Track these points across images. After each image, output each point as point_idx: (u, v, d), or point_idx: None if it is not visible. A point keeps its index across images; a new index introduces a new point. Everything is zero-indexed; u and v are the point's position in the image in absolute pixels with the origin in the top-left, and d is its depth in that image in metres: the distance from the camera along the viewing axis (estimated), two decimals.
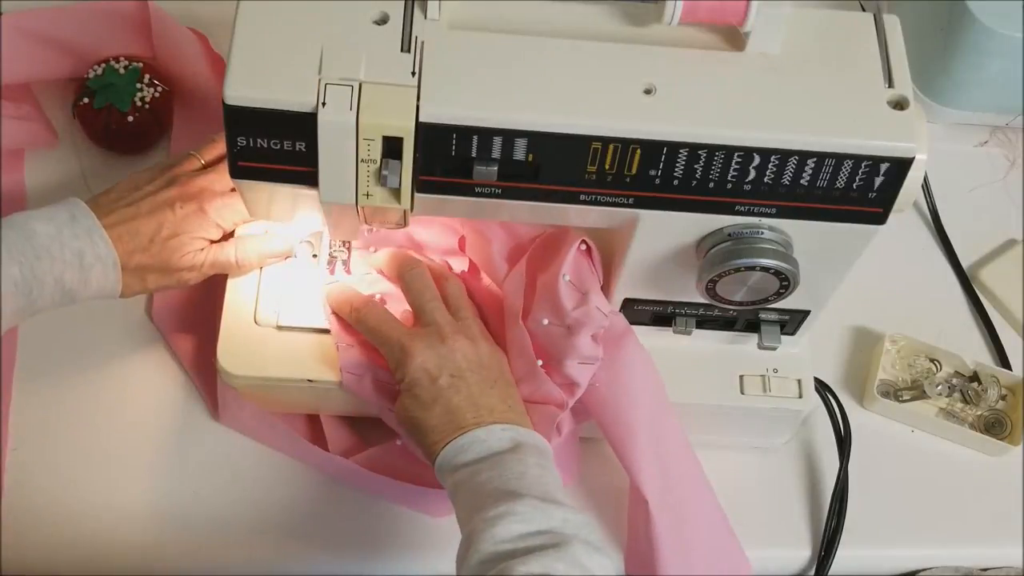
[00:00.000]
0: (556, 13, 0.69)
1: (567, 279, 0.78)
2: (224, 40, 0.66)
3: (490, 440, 0.72)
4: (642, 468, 0.78)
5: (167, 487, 0.84)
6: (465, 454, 0.72)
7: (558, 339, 0.77)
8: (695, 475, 0.81)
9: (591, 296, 0.77)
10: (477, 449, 0.72)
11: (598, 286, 0.78)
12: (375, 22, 0.66)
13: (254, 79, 0.64)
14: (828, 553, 0.86)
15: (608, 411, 0.79)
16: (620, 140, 0.65)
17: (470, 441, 0.72)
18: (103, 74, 0.94)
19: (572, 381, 0.77)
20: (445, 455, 0.73)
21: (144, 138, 0.96)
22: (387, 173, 0.66)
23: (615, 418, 0.79)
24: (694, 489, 0.81)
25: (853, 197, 0.68)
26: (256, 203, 0.75)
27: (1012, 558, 0.88)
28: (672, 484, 0.79)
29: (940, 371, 0.93)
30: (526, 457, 0.71)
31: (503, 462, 0.70)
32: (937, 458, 0.91)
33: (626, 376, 0.78)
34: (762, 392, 0.83)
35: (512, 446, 0.72)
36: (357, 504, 0.84)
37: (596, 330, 0.77)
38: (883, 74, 0.68)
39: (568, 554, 0.64)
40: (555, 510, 0.67)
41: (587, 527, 0.67)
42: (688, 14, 0.65)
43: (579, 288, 0.78)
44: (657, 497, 0.78)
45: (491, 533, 0.65)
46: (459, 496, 0.71)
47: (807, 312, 0.80)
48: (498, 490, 0.68)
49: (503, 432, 0.73)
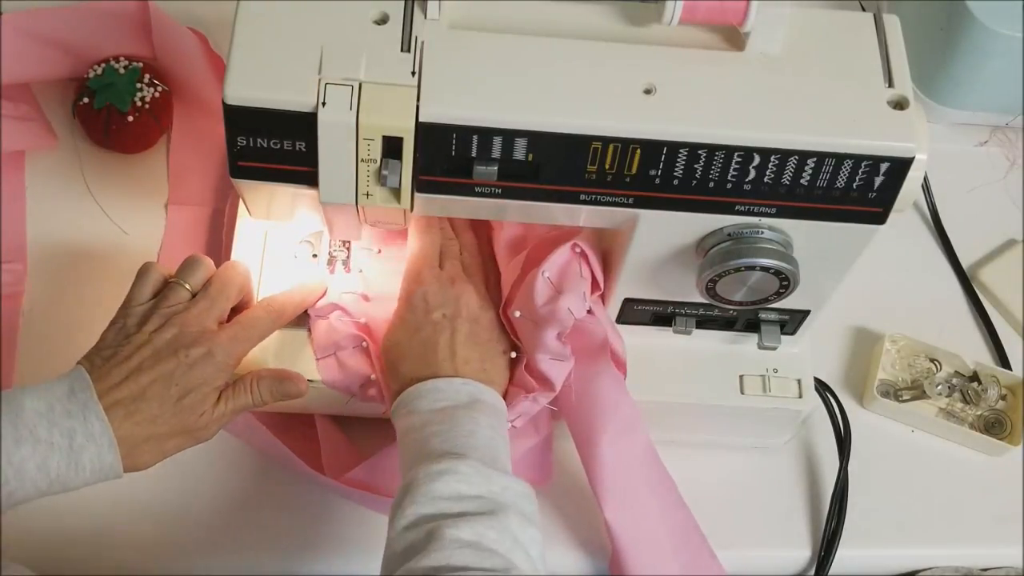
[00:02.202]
0: (556, 13, 0.69)
1: (546, 275, 0.78)
2: (224, 40, 0.66)
3: (448, 391, 0.73)
4: (601, 481, 0.79)
5: (166, 487, 0.84)
6: (421, 401, 0.72)
7: (529, 332, 0.78)
8: (660, 496, 0.81)
9: (565, 296, 0.77)
10: (434, 398, 0.72)
11: (581, 289, 0.78)
12: (375, 22, 0.66)
13: (254, 79, 0.64)
14: (828, 553, 0.86)
15: (576, 422, 0.80)
16: (620, 140, 0.65)
17: (429, 389, 0.73)
18: (103, 74, 0.94)
19: (544, 376, 0.77)
20: (403, 398, 0.74)
21: (144, 138, 0.96)
22: (387, 173, 0.66)
23: (580, 430, 0.79)
24: (657, 510, 0.81)
25: (853, 197, 0.68)
26: (256, 203, 0.75)
27: (1012, 558, 0.88)
28: (630, 505, 0.80)
29: (940, 371, 0.93)
30: (479, 416, 0.72)
31: (456, 417, 0.71)
32: (937, 458, 0.91)
33: (594, 391, 0.78)
34: (762, 392, 0.83)
35: (469, 401, 0.73)
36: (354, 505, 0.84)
37: (562, 329, 0.77)
38: (883, 74, 0.68)
39: (501, 523, 0.65)
40: (497, 476, 0.67)
41: (525, 498, 0.68)
42: (688, 14, 0.65)
43: (556, 287, 0.78)
44: (613, 515, 0.79)
45: (430, 488, 0.65)
46: (406, 442, 0.71)
47: (807, 312, 0.80)
48: (445, 445, 0.69)
49: (463, 386, 0.73)
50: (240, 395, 0.76)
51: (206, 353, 0.73)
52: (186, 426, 0.73)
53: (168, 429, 0.72)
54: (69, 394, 0.69)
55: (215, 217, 0.94)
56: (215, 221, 0.94)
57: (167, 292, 0.75)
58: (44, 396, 0.68)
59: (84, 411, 0.68)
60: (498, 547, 0.64)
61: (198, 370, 0.72)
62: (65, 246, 0.93)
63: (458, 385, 0.74)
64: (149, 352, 0.72)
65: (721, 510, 0.87)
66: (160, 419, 0.71)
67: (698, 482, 0.87)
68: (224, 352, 0.74)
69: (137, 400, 0.70)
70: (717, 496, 0.87)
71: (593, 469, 0.79)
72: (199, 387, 0.72)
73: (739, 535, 0.87)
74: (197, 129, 0.98)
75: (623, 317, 0.82)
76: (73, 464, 0.68)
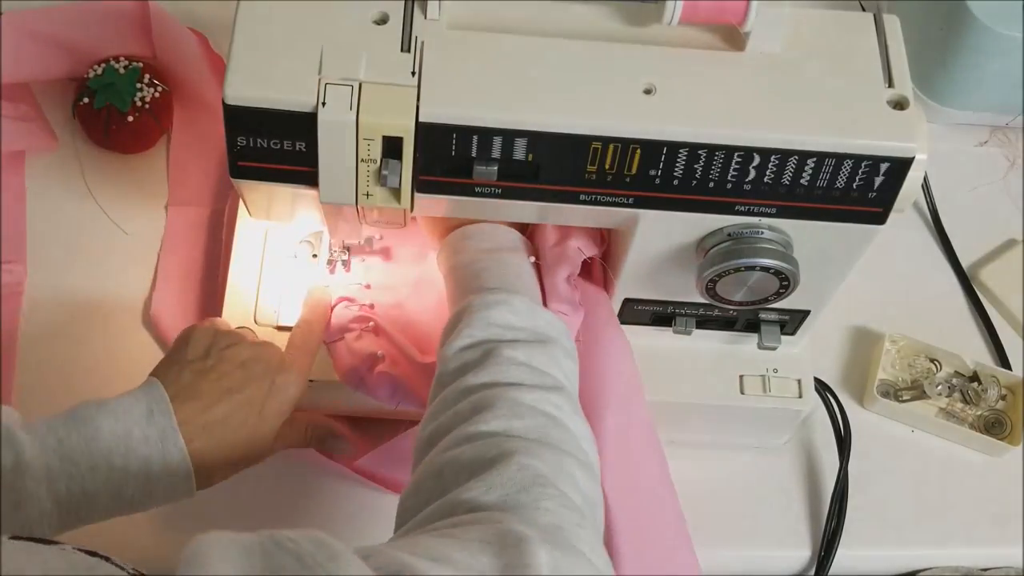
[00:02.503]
0: (556, 13, 0.69)
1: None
2: (224, 40, 0.66)
3: (496, 235, 0.76)
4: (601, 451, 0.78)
5: None
6: (471, 240, 0.76)
7: (540, 280, 0.78)
8: (657, 474, 0.80)
9: (574, 237, 0.77)
10: (483, 238, 0.76)
11: (590, 234, 0.78)
12: (375, 22, 0.66)
13: (254, 79, 0.64)
14: (828, 553, 0.86)
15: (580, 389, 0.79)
16: (620, 140, 0.65)
17: (477, 231, 0.77)
18: (103, 74, 0.94)
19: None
20: (452, 237, 0.77)
21: (144, 138, 0.96)
22: (387, 173, 0.66)
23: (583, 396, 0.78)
24: (655, 486, 0.80)
25: (853, 197, 0.68)
26: (256, 203, 0.75)
27: (1012, 558, 0.88)
28: (632, 478, 0.79)
29: (940, 371, 0.93)
30: (524, 262, 0.76)
31: (503, 259, 0.75)
32: (937, 458, 0.91)
33: (601, 365, 0.78)
34: (762, 392, 0.83)
35: (514, 246, 0.77)
36: (360, 501, 0.84)
37: (572, 270, 0.76)
38: (883, 74, 0.68)
39: (549, 352, 0.69)
40: (542, 312, 0.71)
41: (566, 335, 0.72)
42: (688, 14, 0.65)
43: (564, 231, 0.78)
44: (615, 490, 0.78)
45: (486, 314, 0.69)
46: (456, 276, 0.75)
47: (807, 312, 0.80)
48: (495, 280, 0.72)
49: (508, 232, 0.77)
50: (295, 435, 0.77)
51: (292, 381, 0.73)
52: (258, 451, 0.72)
53: (243, 454, 0.71)
54: (147, 416, 0.66)
55: (215, 217, 0.94)
56: (215, 221, 0.94)
57: (230, 331, 0.75)
58: (123, 418, 0.65)
59: (163, 440, 0.66)
60: (548, 369, 0.68)
61: (281, 395, 0.72)
62: (65, 246, 0.93)
63: (503, 231, 0.77)
64: (240, 375, 0.71)
65: (721, 510, 0.87)
66: (238, 446, 0.70)
67: (698, 482, 0.87)
68: (302, 380, 0.74)
69: (222, 425, 0.69)
70: (717, 496, 0.87)
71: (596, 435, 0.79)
72: (279, 415, 0.72)
73: (739, 535, 0.87)
74: (197, 129, 0.98)
75: (623, 317, 0.82)
76: (148, 493, 0.66)
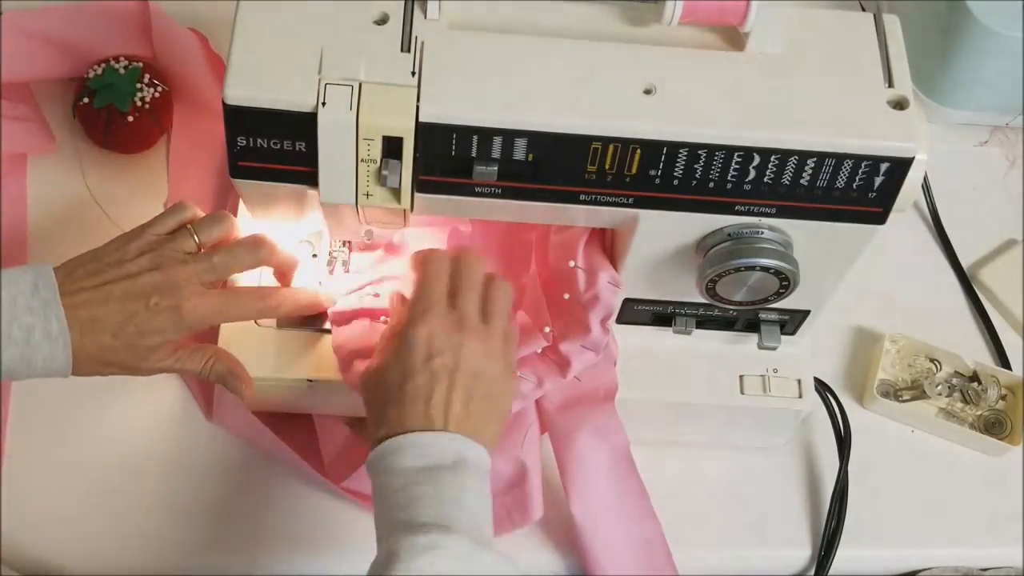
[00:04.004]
0: (556, 13, 0.69)
1: (574, 265, 0.77)
2: (224, 40, 0.66)
3: (434, 449, 0.67)
4: (572, 478, 0.80)
5: (165, 487, 0.84)
6: (404, 456, 0.66)
7: (570, 317, 0.78)
8: (628, 505, 0.82)
9: (600, 273, 0.77)
10: (417, 453, 0.67)
11: (607, 265, 0.77)
12: (375, 22, 0.66)
13: (254, 79, 0.64)
14: (828, 553, 0.86)
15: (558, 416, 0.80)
16: (620, 140, 0.65)
17: (412, 443, 0.67)
18: (103, 74, 0.94)
19: (566, 361, 0.77)
20: (382, 450, 0.67)
21: (144, 138, 0.96)
22: (387, 173, 0.66)
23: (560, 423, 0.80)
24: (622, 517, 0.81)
25: (853, 197, 0.68)
26: (256, 203, 0.75)
27: (1012, 558, 0.88)
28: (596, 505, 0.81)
29: (940, 371, 0.93)
30: (465, 480, 0.66)
31: (440, 480, 0.66)
32: (937, 458, 0.91)
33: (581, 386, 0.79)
34: (762, 392, 0.83)
35: (454, 461, 0.67)
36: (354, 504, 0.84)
37: (607, 313, 0.77)
38: (883, 74, 0.68)
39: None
40: (484, 555, 0.64)
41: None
42: (688, 14, 0.65)
43: (588, 270, 0.77)
44: (580, 512, 0.80)
45: (417, 564, 0.62)
46: (386, 502, 0.66)
47: (807, 312, 0.80)
48: (429, 512, 0.65)
49: (449, 443, 0.67)
50: (192, 361, 0.76)
51: (174, 307, 0.72)
52: (128, 362, 0.72)
53: (112, 357, 0.72)
54: (31, 288, 0.69)
55: None
56: None
57: (175, 236, 0.75)
58: (10, 286, 0.68)
59: (45, 309, 0.69)
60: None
61: (159, 320, 0.72)
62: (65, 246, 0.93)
63: (444, 442, 0.67)
64: (126, 285, 0.71)
65: (721, 510, 0.87)
66: (108, 348, 0.71)
67: (698, 482, 0.87)
68: (192, 314, 0.73)
69: (94, 321, 0.70)
70: (717, 496, 0.87)
71: (565, 463, 0.80)
72: (153, 335, 0.72)
73: (739, 535, 0.87)
74: (197, 129, 0.98)
75: (623, 317, 0.82)
76: (26, 361, 0.69)
